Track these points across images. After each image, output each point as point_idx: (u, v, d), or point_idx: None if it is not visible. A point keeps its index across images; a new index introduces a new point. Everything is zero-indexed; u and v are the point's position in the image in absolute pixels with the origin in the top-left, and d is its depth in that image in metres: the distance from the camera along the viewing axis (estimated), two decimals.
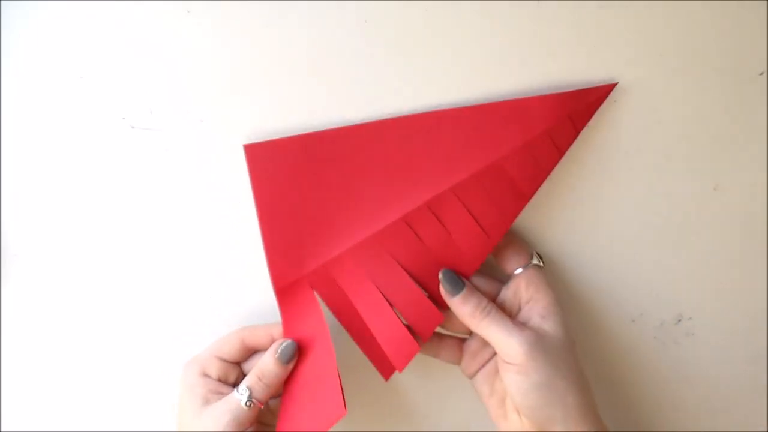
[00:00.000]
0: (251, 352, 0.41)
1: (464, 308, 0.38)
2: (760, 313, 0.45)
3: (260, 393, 0.38)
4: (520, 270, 0.40)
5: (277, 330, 0.40)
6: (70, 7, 0.37)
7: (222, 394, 0.38)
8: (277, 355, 0.38)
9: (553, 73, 0.38)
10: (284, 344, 0.39)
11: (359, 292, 0.39)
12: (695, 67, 0.39)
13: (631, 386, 0.46)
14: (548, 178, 0.39)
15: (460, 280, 0.39)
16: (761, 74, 0.39)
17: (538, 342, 0.37)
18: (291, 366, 0.39)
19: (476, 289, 0.39)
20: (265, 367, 0.38)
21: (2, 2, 0.37)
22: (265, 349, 0.40)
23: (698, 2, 0.37)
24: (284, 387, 0.39)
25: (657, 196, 0.42)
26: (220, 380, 0.40)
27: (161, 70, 0.38)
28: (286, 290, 0.39)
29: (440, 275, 0.39)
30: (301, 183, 0.38)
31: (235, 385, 0.40)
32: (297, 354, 0.39)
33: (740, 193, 0.42)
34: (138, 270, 0.42)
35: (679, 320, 0.45)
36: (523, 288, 0.39)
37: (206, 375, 0.39)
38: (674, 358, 0.46)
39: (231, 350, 0.40)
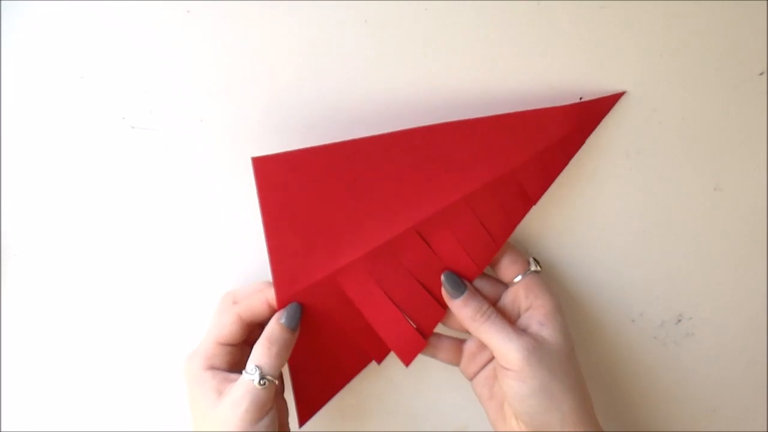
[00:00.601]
0: (252, 327, 0.39)
1: (465, 311, 0.38)
2: (760, 313, 0.45)
3: (271, 367, 0.36)
4: (519, 278, 0.40)
5: (272, 294, 0.38)
6: (70, 7, 0.37)
7: (234, 382, 0.36)
8: (283, 321, 0.37)
9: (553, 73, 0.38)
10: (289, 309, 0.37)
11: (366, 298, 0.39)
12: (695, 67, 0.39)
13: (631, 386, 0.46)
14: None
15: (462, 282, 0.39)
16: (761, 74, 0.39)
17: (536, 349, 0.36)
18: (297, 333, 0.37)
19: (478, 292, 0.39)
20: (272, 335, 0.36)
21: (2, 2, 0.37)
22: (266, 320, 0.38)
23: (698, 3, 0.37)
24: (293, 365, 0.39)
25: (657, 196, 0.42)
26: (230, 369, 0.38)
27: (161, 70, 0.38)
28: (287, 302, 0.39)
29: (442, 277, 0.39)
30: (310, 196, 0.37)
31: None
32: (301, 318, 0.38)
33: (740, 193, 0.42)
34: (138, 270, 0.42)
35: (679, 320, 0.45)
36: (522, 296, 0.39)
37: (213, 367, 0.37)
38: (674, 358, 0.46)
39: (232, 333, 0.38)
